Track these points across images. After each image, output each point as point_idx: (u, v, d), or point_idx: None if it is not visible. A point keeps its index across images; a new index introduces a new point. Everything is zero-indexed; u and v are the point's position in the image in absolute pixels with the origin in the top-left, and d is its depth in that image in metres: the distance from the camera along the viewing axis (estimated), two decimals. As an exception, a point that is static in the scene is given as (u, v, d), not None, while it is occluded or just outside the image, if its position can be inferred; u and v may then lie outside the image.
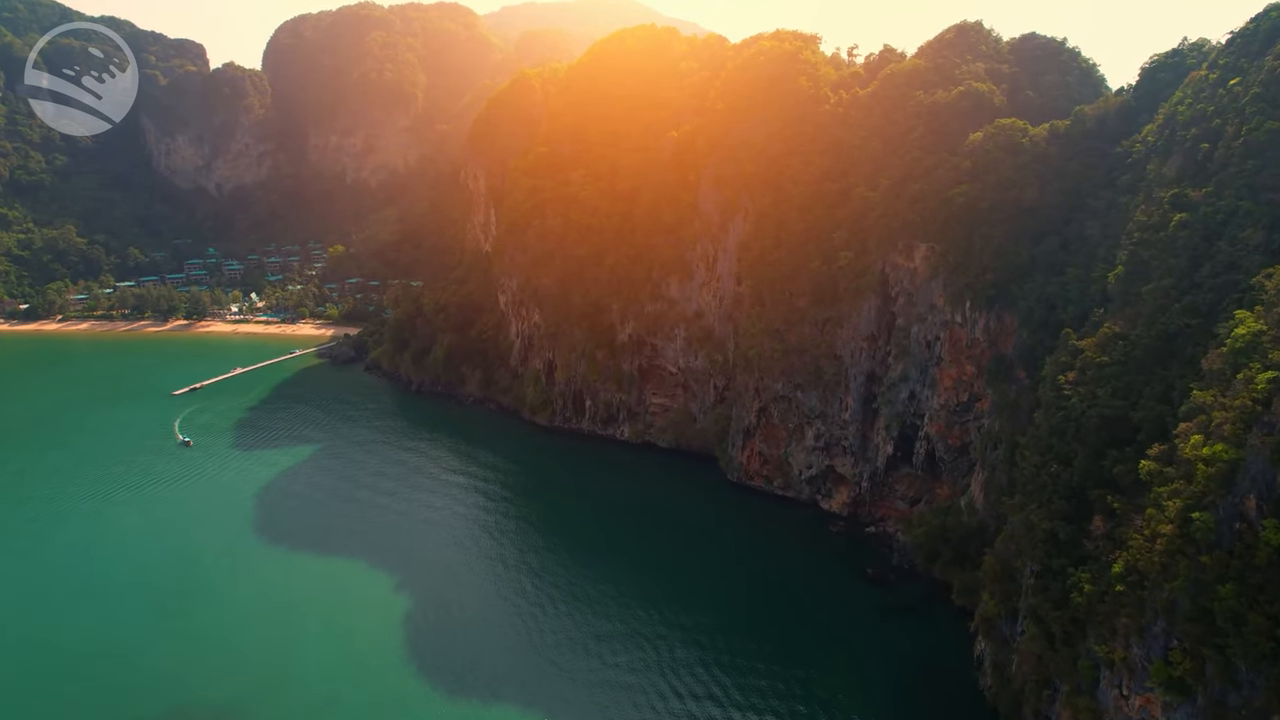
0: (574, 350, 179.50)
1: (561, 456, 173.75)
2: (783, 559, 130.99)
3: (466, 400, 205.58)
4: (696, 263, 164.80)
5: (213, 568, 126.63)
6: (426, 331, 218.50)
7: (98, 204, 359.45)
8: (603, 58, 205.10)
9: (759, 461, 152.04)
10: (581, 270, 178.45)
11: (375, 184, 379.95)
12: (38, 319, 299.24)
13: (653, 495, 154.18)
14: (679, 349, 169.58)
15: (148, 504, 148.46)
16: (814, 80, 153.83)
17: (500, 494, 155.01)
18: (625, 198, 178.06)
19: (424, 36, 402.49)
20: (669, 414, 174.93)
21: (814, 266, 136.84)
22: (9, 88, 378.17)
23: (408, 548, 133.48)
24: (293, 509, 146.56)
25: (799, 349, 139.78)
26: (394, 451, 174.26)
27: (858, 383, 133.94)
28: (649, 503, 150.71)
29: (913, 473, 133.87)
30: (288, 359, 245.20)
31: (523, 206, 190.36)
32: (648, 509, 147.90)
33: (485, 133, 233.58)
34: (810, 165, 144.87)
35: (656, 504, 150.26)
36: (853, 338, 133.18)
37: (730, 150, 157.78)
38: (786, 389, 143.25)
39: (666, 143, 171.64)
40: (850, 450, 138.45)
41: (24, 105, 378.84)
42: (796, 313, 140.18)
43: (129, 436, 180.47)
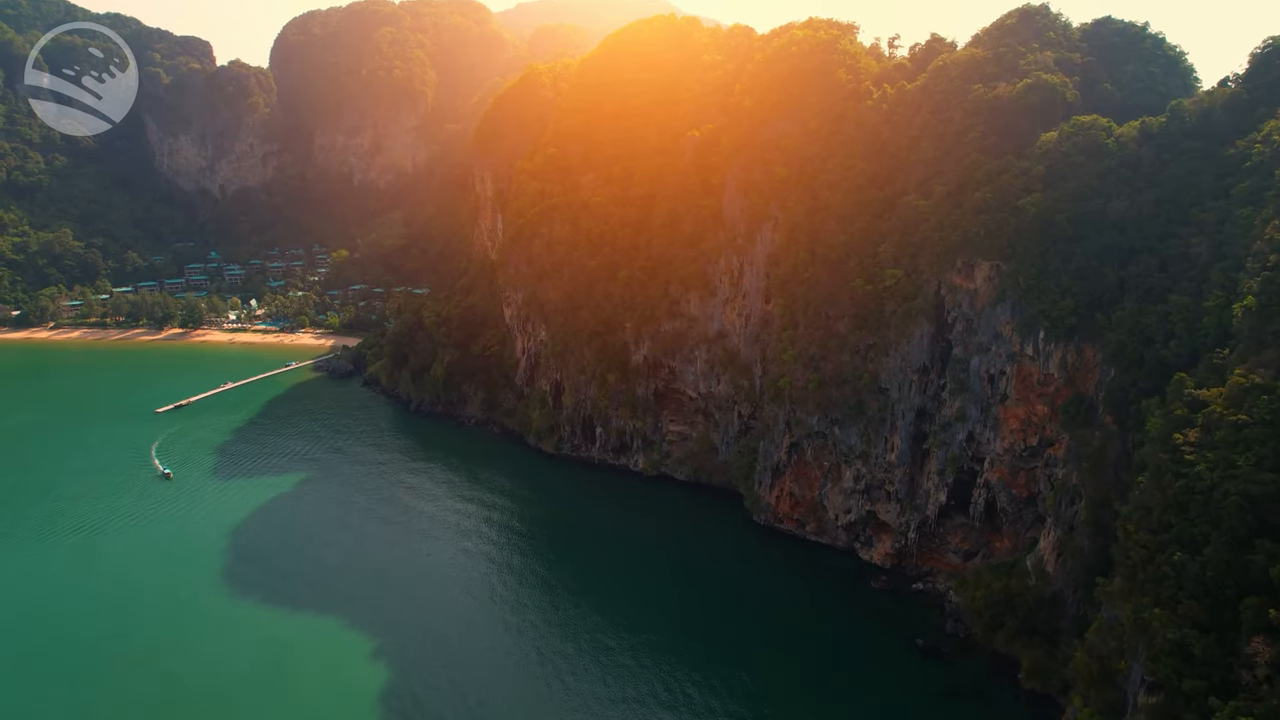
0: (583, 372, 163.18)
1: (571, 489, 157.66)
2: (819, 618, 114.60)
3: (468, 422, 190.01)
4: (720, 278, 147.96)
5: (159, 627, 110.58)
6: (426, 346, 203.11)
7: (97, 206, 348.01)
8: (617, 51, 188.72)
9: (790, 503, 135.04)
10: (592, 284, 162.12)
11: (382, 185, 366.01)
12: (29, 326, 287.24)
13: (672, 536, 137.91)
14: (699, 373, 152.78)
15: (103, 546, 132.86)
16: (854, 73, 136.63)
17: (506, 535, 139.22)
18: (640, 204, 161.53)
19: (434, 33, 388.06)
20: (688, 444, 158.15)
21: (856, 285, 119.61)
22: (9, 86, 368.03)
23: (398, 599, 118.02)
24: (269, 553, 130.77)
25: (838, 379, 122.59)
26: (388, 483, 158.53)
27: (906, 420, 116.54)
28: (668, 545, 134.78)
29: (968, 523, 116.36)
30: (282, 372, 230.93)
31: (528, 213, 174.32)
32: (667, 552, 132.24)
33: (492, 132, 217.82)
34: (851, 169, 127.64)
35: (676, 546, 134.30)
36: (901, 369, 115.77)
37: (759, 152, 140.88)
38: (822, 424, 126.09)
39: (687, 143, 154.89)
40: (895, 496, 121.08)
41: (24, 104, 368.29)
42: (835, 338, 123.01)
43: (98, 464, 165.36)
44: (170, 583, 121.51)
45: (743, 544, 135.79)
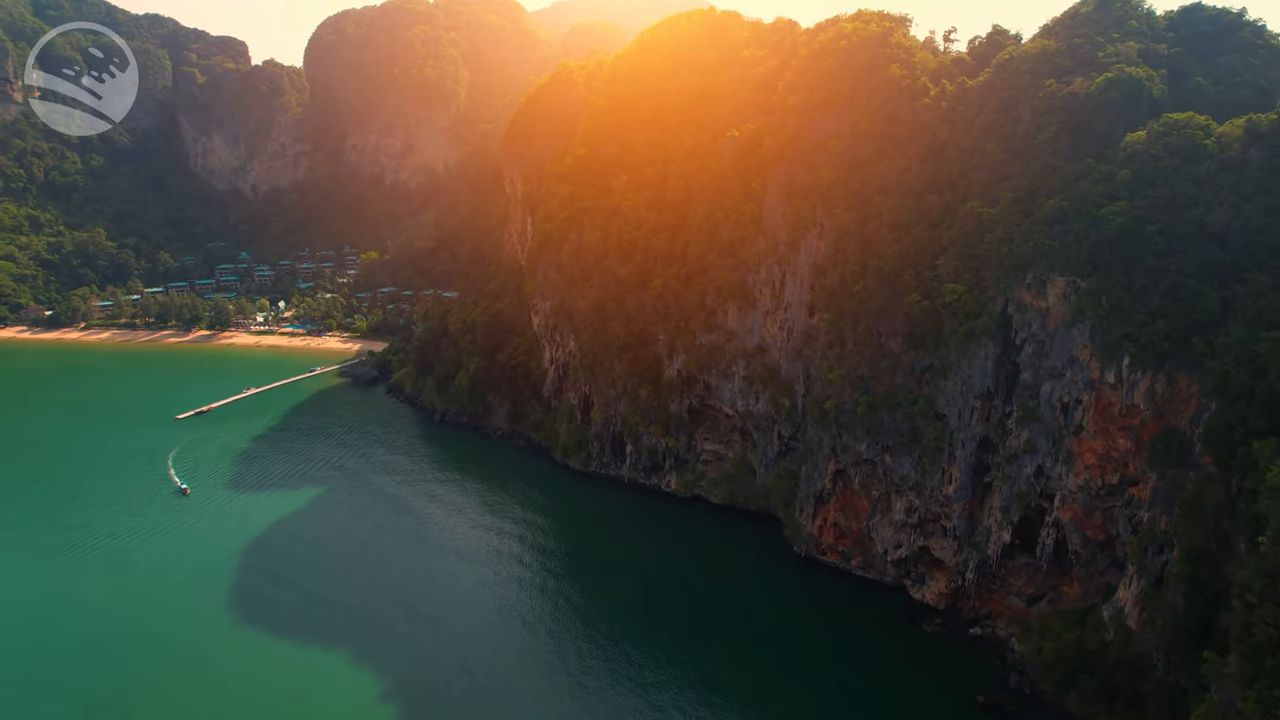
0: (613, 386, 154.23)
1: (601, 510, 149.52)
2: (866, 663, 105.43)
3: (493, 434, 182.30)
4: (760, 288, 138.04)
5: (172, 653, 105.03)
6: (452, 354, 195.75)
7: (131, 206, 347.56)
8: (652, 47, 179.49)
9: (834, 534, 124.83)
10: (623, 293, 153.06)
11: (414, 186, 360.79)
12: (60, 326, 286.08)
13: (707, 564, 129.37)
14: (737, 389, 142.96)
15: (114, 567, 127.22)
16: (909, 68, 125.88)
17: (536, 557, 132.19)
18: (675, 209, 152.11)
19: (468, 31, 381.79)
20: (723, 465, 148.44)
21: (911, 301, 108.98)
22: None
23: (428, 626, 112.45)
24: (294, 573, 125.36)
25: (889, 403, 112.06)
26: (413, 500, 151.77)
27: (966, 450, 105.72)
28: (704, 573, 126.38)
29: (1033, 565, 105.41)
30: (306, 378, 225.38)
31: (557, 217, 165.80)
32: (703, 581, 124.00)
33: (522, 132, 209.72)
34: (906, 173, 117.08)
35: (712, 575, 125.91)
36: (961, 394, 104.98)
37: (804, 154, 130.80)
38: (872, 451, 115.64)
39: (726, 145, 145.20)
40: (952, 532, 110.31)
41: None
42: (888, 358, 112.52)
43: (115, 476, 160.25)
44: (183, 605, 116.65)
45: (782, 576, 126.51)
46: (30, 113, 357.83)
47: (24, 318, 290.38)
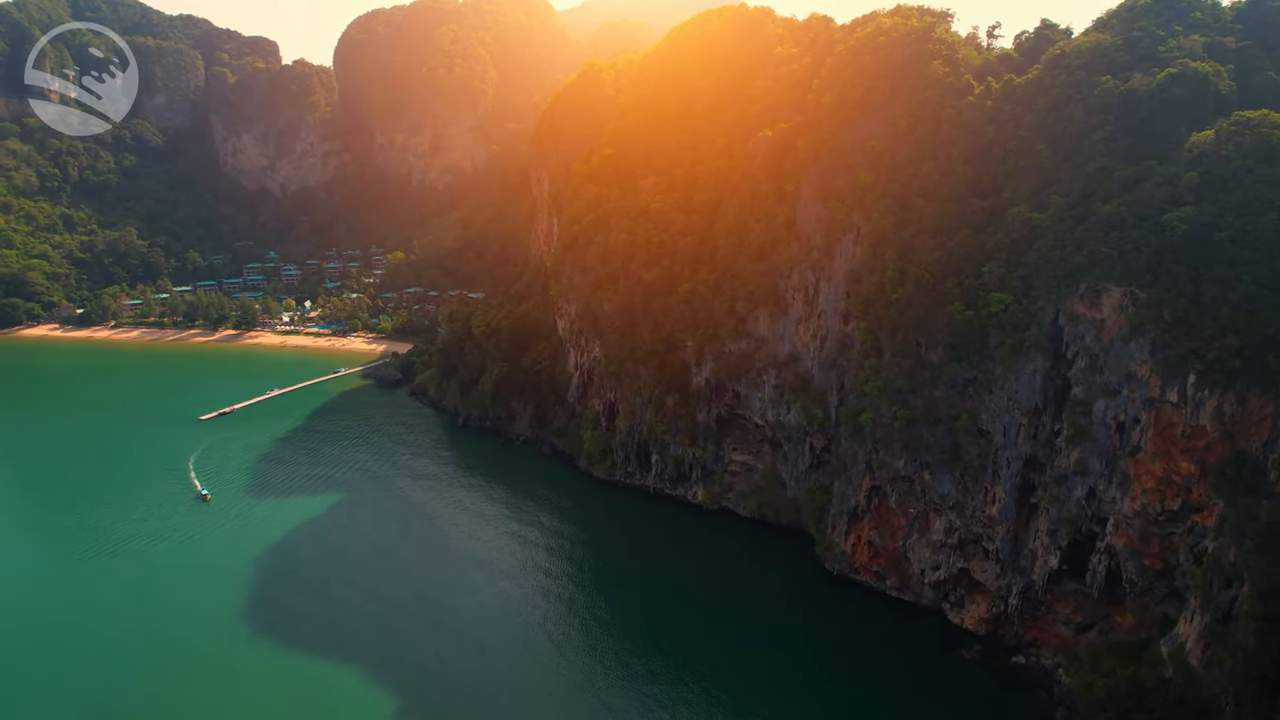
0: (639, 393, 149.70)
1: (626, 520, 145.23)
2: (902, 691, 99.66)
3: (516, 440, 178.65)
4: (792, 294, 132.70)
5: (171, 668, 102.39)
6: (475, 358, 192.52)
7: (163, 205, 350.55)
8: (682, 44, 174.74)
9: (868, 553, 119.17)
10: (650, 298, 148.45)
11: (441, 186, 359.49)
12: (91, 325, 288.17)
13: (735, 580, 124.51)
14: (767, 399, 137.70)
15: (131, 575, 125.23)
16: (952, 65, 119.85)
17: (561, 568, 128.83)
18: (705, 212, 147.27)
19: (496, 30, 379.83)
20: (752, 476, 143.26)
21: (954, 310, 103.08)
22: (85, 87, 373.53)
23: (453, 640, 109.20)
24: (307, 583, 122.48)
25: (930, 418, 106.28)
26: (436, 507, 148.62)
27: (1011, 469, 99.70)
28: (733, 590, 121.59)
29: (1083, 592, 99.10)
30: (330, 379, 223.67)
31: (584, 219, 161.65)
32: (733, 598, 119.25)
33: (549, 132, 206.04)
34: (949, 175, 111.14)
35: (742, 592, 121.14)
36: (1007, 409, 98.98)
37: (840, 155, 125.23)
38: (910, 468, 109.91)
39: (758, 145, 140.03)
40: (995, 555, 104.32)
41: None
42: (928, 370, 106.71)
43: (136, 479, 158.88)
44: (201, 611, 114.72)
45: (814, 595, 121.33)
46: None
47: (56, 315, 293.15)
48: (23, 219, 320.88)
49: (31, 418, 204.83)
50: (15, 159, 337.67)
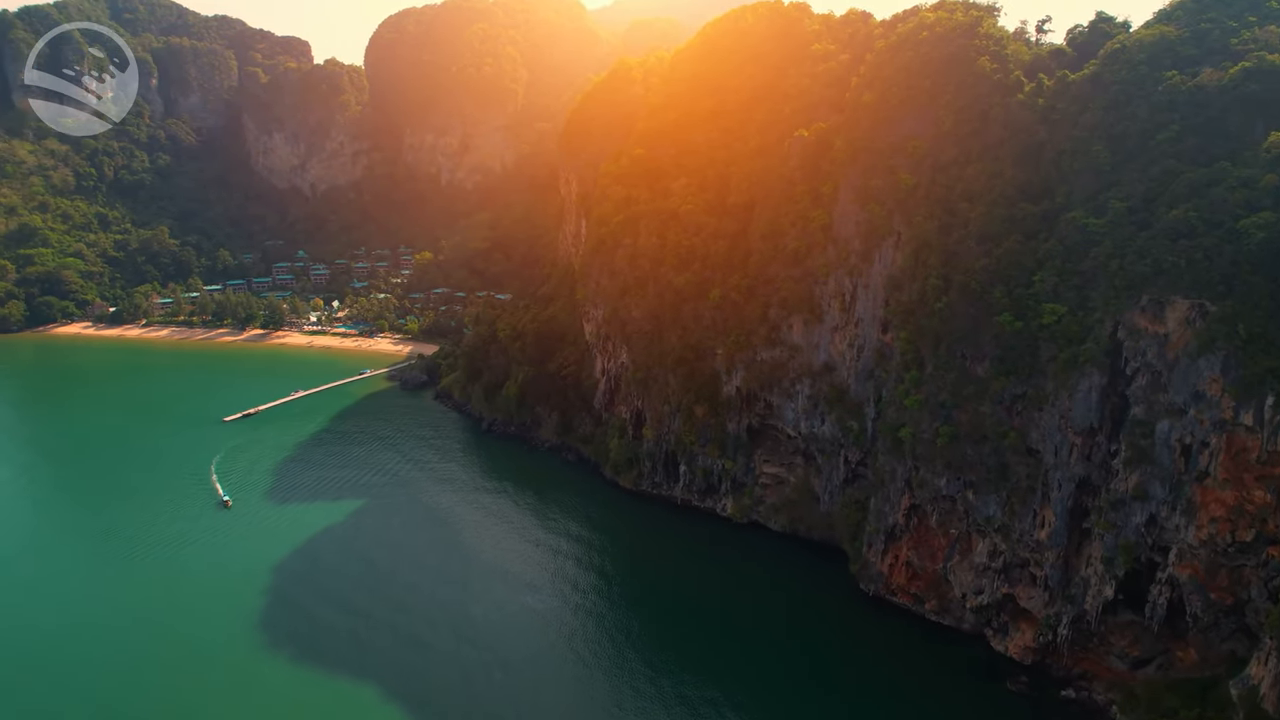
0: (667, 402, 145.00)
1: (653, 533, 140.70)
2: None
3: (541, 446, 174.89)
4: (828, 301, 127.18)
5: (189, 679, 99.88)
6: (500, 361, 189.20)
7: (195, 204, 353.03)
8: (714, 41, 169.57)
9: (906, 574, 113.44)
10: (680, 303, 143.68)
11: (470, 186, 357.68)
12: (123, 323, 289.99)
13: (766, 598, 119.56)
14: (800, 409, 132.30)
15: (149, 578, 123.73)
16: (1001, 61, 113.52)
17: (590, 581, 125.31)
18: (737, 214, 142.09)
19: (526, 29, 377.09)
20: (784, 489, 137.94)
21: (1002, 321, 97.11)
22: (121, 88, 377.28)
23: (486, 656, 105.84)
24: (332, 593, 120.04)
25: (974, 434, 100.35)
26: (459, 512, 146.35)
27: (1063, 492, 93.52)
28: (763, 608, 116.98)
29: (1140, 623, 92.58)
30: (355, 381, 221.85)
31: (612, 221, 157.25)
32: (762, 616, 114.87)
33: (578, 131, 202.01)
34: (997, 178, 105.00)
35: (772, 611, 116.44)
36: (1059, 428, 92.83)
37: (880, 156, 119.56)
38: (952, 487, 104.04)
39: (793, 145, 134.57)
40: (1044, 581, 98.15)
41: (134, 105, 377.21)
42: (973, 384, 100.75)
43: (157, 482, 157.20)
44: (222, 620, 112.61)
45: (848, 616, 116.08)
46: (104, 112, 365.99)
47: (89, 314, 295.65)
48: (59, 218, 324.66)
49: (62, 416, 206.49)
50: (54, 159, 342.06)
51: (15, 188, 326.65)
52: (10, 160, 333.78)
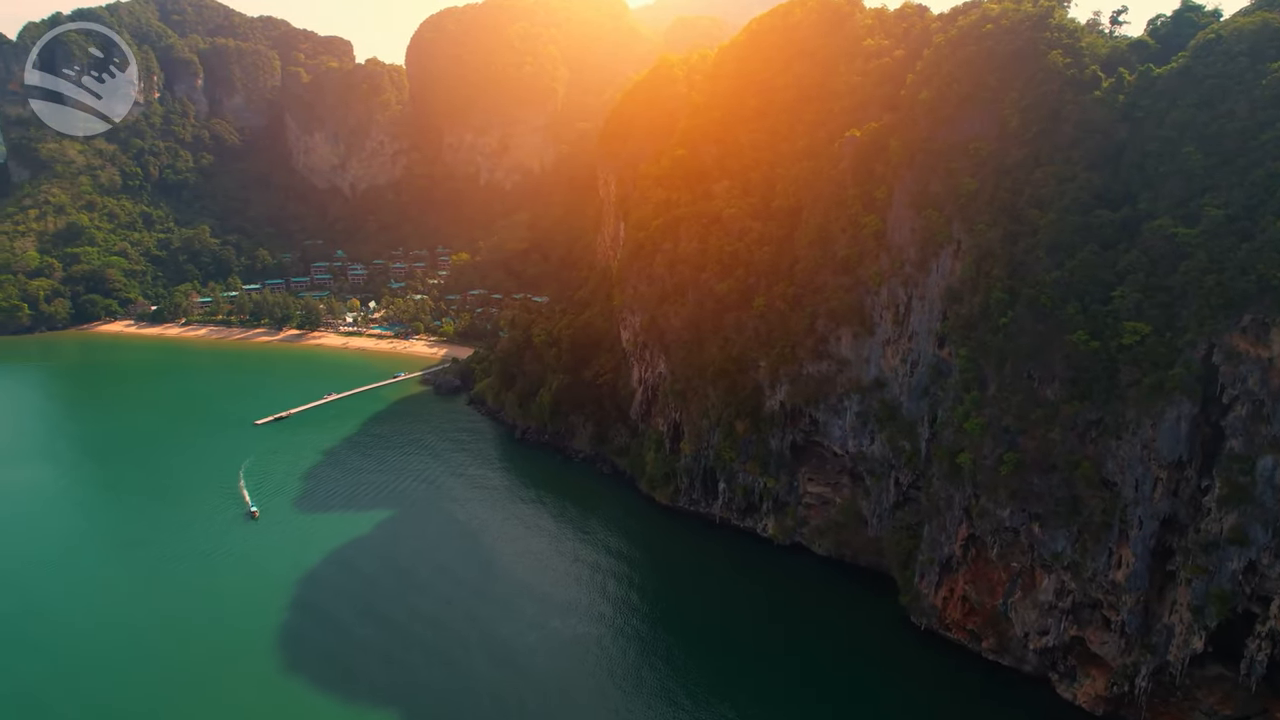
0: (706, 415, 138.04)
1: (691, 553, 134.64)
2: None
3: (575, 456, 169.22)
4: (880, 312, 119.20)
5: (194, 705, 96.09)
6: (535, 368, 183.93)
7: (236, 203, 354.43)
8: (760, 37, 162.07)
9: (962, 609, 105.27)
10: (721, 311, 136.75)
11: (509, 186, 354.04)
12: (163, 322, 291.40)
13: (813, 628, 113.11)
14: (848, 427, 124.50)
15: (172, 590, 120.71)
16: (1075, 55, 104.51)
17: (630, 599, 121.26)
18: (784, 219, 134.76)
19: (567, 27, 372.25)
20: (829, 511, 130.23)
21: (1076, 340, 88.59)
22: (167, 88, 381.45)
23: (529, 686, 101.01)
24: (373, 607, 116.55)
25: (1042, 463, 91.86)
26: (488, 523, 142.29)
27: (1144, 531, 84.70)
28: (806, 636, 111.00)
29: (1232, 679, 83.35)
30: (388, 384, 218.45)
31: (651, 224, 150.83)
32: (805, 645, 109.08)
33: (617, 131, 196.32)
34: (1070, 182, 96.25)
35: (819, 642, 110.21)
36: (1142, 459, 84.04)
37: (939, 158, 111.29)
38: (1016, 519, 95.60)
39: (844, 146, 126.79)
40: (1119, 626, 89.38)
41: (180, 104, 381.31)
42: (1042, 408, 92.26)
43: (184, 489, 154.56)
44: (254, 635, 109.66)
45: (897, 650, 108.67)
46: (150, 113, 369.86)
47: (131, 312, 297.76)
48: (106, 217, 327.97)
49: (101, 415, 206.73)
50: (101, 158, 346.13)
51: (64, 187, 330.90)
52: (60, 160, 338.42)
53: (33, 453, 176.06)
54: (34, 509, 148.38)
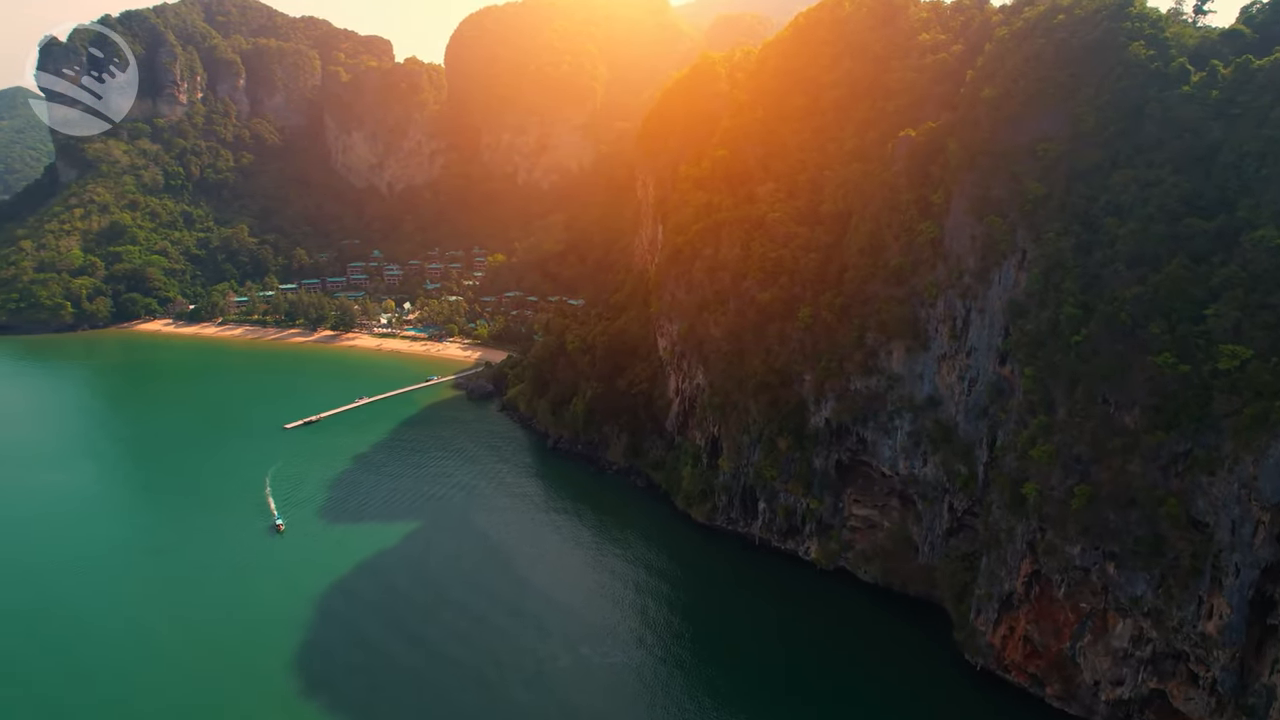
0: (747, 431, 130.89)
1: (729, 577, 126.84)
2: None
3: (608, 468, 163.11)
4: (935, 326, 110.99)
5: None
6: (568, 375, 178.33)
7: (274, 203, 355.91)
8: (807, 32, 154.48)
9: (1023, 650, 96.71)
10: (764, 322, 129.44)
11: (546, 186, 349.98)
12: (200, 321, 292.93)
13: (856, 659, 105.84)
14: (899, 447, 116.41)
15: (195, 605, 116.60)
16: (1159, 47, 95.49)
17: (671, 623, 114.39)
18: (832, 225, 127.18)
19: (607, 25, 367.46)
20: (876, 535, 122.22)
21: (1161, 362, 79.85)
22: (210, 88, 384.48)
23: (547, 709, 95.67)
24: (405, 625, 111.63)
25: (1120, 498, 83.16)
26: (523, 536, 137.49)
27: (1241, 579, 75.65)
28: (853, 669, 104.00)
29: (1340, 747, 74.01)
30: (420, 388, 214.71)
31: (691, 229, 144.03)
32: (852, 679, 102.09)
33: (656, 130, 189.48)
34: (1154, 186, 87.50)
35: (862, 672, 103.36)
36: (1239, 499, 75.03)
37: (1002, 160, 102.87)
38: (1089, 557, 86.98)
39: (898, 148, 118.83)
40: (1209, 683, 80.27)
41: (222, 104, 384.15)
42: (1120, 436, 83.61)
43: (210, 497, 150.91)
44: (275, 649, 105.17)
45: (952, 692, 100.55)
46: (193, 112, 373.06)
47: (170, 311, 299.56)
48: (148, 215, 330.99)
49: (134, 418, 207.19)
50: (145, 158, 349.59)
51: (109, 186, 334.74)
52: (106, 160, 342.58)
53: (70, 454, 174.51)
54: (66, 510, 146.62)
